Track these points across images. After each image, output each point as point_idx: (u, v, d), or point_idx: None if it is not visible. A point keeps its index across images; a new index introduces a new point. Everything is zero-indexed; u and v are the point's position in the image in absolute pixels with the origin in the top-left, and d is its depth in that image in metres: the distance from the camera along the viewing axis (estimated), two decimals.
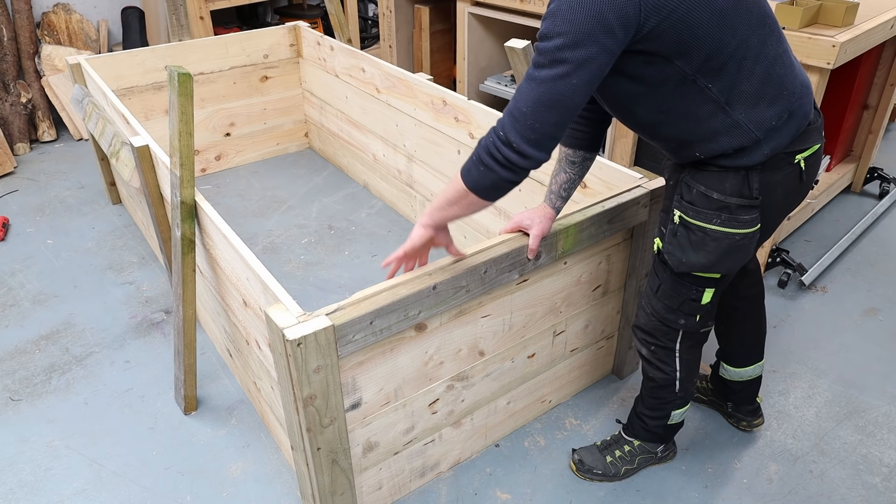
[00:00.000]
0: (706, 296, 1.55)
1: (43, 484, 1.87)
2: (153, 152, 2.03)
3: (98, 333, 2.41)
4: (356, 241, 2.91)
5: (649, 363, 1.69)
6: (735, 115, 1.33)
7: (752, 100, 1.33)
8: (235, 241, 1.64)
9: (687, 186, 1.44)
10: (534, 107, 1.23)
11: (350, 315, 1.38)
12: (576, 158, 1.63)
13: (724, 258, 1.45)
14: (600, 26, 1.17)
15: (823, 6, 2.33)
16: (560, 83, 1.21)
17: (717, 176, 1.40)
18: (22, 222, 3.09)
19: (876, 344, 2.33)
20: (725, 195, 1.40)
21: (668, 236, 1.50)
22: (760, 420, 1.97)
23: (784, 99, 1.36)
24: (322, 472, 1.52)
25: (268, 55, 3.38)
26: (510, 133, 1.25)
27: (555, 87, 1.21)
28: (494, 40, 3.64)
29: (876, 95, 3.04)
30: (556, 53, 1.19)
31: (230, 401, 2.13)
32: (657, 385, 1.71)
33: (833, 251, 2.73)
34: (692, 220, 1.44)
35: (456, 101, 2.44)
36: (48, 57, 3.78)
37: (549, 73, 1.21)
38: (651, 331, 1.64)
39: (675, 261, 1.49)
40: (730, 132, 1.35)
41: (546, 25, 1.21)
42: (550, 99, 1.22)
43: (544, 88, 1.21)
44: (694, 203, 1.43)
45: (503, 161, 1.28)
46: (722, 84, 1.30)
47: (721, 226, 1.42)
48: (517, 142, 1.25)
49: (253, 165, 3.56)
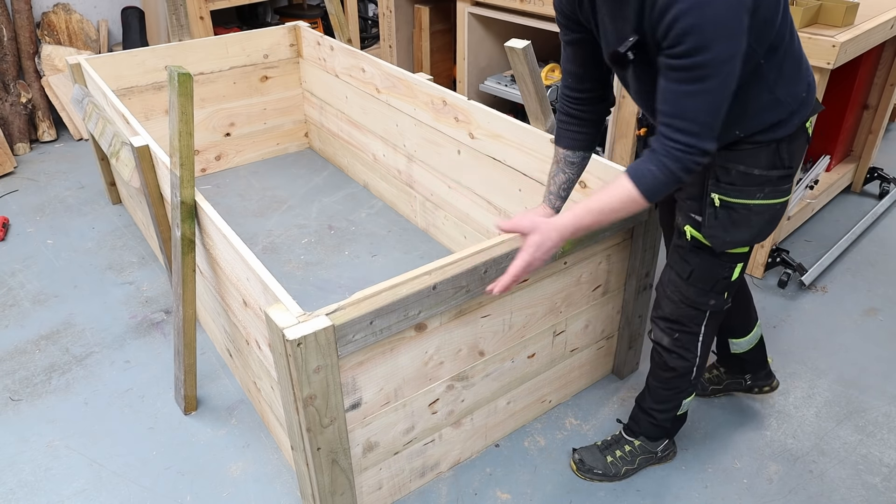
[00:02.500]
0: (737, 271, 1.58)
1: (43, 484, 1.87)
2: (153, 152, 2.03)
3: (98, 333, 2.41)
4: (356, 241, 2.91)
5: (670, 352, 1.69)
6: (777, 92, 1.38)
7: (790, 76, 1.38)
8: (235, 241, 1.64)
9: (723, 169, 1.46)
10: (713, 114, 1.27)
11: (350, 315, 1.39)
12: (575, 159, 1.64)
13: (766, 228, 1.50)
14: (744, 12, 1.20)
15: (823, 6, 2.33)
16: (729, 79, 1.25)
17: (752, 153, 1.43)
18: (22, 222, 3.10)
19: (876, 344, 2.33)
20: (765, 169, 1.44)
21: (709, 220, 1.50)
22: (776, 381, 2.04)
23: (805, 71, 1.43)
24: (322, 472, 1.52)
25: (268, 55, 3.38)
26: (702, 144, 1.29)
27: (726, 87, 1.25)
28: (494, 40, 3.64)
29: (876, 95, 3.04)
30: (719, 58, 1.21)
31: (230, 401, 2.13)
32: (676, 375, 1.71)
33: (833, 251, 2.73)
34: (735, 199, 1.46)
35: (456, 101, 2.44)
36: (48, 57, 3.78)
37: (717, 81, 1.24)
38: (679, 318, 1.65)
39: (719, 241, 1.51)
40: (772, 108, 1.40)
41: (693, 41, 1.20)
42: (724, 98, 1.27)
43: (715, 95, 1.25)
44: (734, 183, 1.45)
45: (699, 167, 1.32)
46: (773, 61, 1.35)
47: (765, 199, 1.46)
48: (710, 146, 1.30)
49: (253, 165, 3.56)
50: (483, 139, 2.39)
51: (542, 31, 3.13)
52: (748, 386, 2.04)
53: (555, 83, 3.35)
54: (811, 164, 3.05)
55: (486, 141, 2.38)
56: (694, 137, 1.28)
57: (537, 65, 2.00)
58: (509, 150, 2.28)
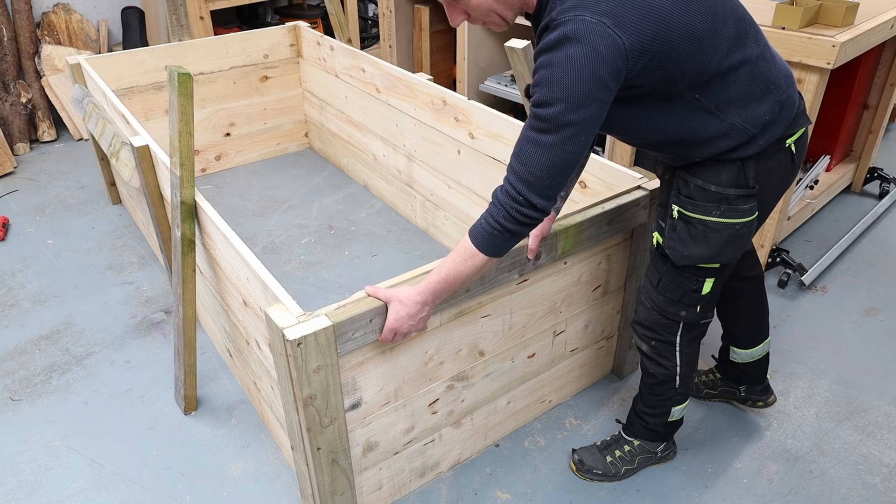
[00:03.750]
0: (707, 286, 1.56)
1: (43, 484, 1.87)
2: (153, 152, 2.03)
3: (98, 333, 2.41)
4: (356, 241, 2.91)
5: (649, 359, 1.70)
6: (729, 119, 1.36)
7: (741, 101, 1.35)
8: (235, 241, 1.64)
9: (683, 181, 1.46)
10: (548, 170, 1.26)
11: (350, 313, 1.39)
12: None
13: (726, 248, 1.47)
14: (596, 85, 1.20)
15: (823, 6, 2.33)
16: (569, 145, 1.24)
17: (714, 168, 1.42)
18: (22, 222, 3.10)
19: (876, 344, 2.33)
20: (723, 187, 1.42)
21: (668, 231, 1.50)
22: (773, 397, 2.01)
23: (772, 93, 1.39)
24: (322, 472, 1.52)
25: (268, 55, 3.38)
26: (530, 196, 1.28)
27: (566, 150, 1.25)
28: (494, 40, 3.64)
29: (876, 95, 3.04)
30: (560, 118, 1.22)
31: (230, 401, 2.13)
32: (657, 381, 1.71)
33: (833, 251, 2.73)
34: (691, 214, 1.45)
35: (456, 101, 2.44)
36: (48, 57, 3.78)
37: (557, 138, 1.24)
38: (652, 325, 1.65)
39: (677, 255, 1.50)
40: (727, 135, 1.38)
41: (541, 93, 1.23)
42: (564, 161, 1.26)
43: (556, 153, 1.25)
44: (692, 197, 1.45)
45: (526, 220, 1.32)
46: (709, 94, 1.33)
47: (721, 217, 1.43)
48: (538, 202, 1.29)
49: (253, 165, 3.56)
50: (483, 139, 2.39)
51: None
52: (742, 397, 2.01)
53: None
54: (811, 164, 3.05)
55: (486, 141, 2.38)
56: (525, 186, 1.27)
57: None
58: (509, 150, 2.27)
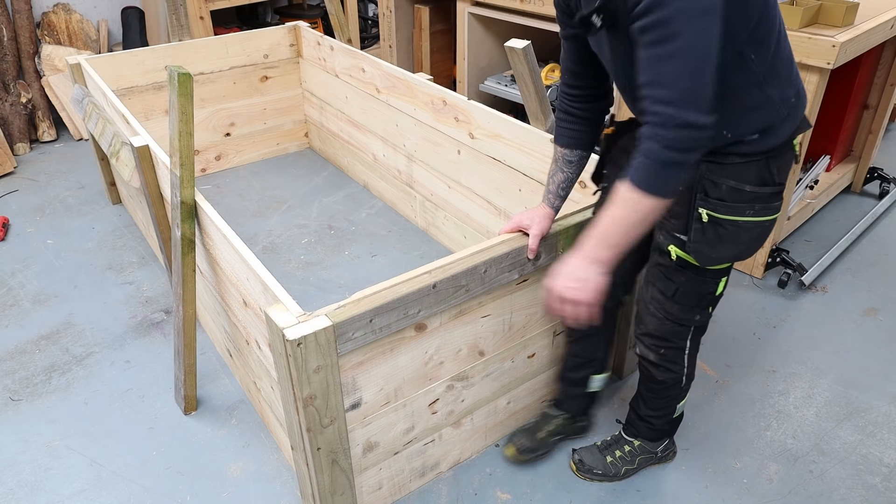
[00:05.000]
0: (721, 285, 1.56)
1: (43, 484, 1.87)
2: (153, 152, 2.03)
3: (98, 333, 2.41)
4: (356, 241, 2.91)
5: (657, 367, 1.68)
6: (767, 90, 1.34)
7: (779, 73, 1.34)
8: (235, 241, 1.64)
9: (712, 184, 1.42)
10: (690, 76, 1.16)
11: (350, 313, 1.39)
12: (573, 158, 1.63)
13: (752, 245, 1.47)
14: None
15: (823, 6, 2.33)
16: (700, 40, 1.14)
17: (741, 168, 1.39)
18: (22, 222, 3.09)
19: (876, 344, 2.33)
20: (756, 185, 1.40)
21: (695, 235, 1.46)
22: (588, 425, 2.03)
23: (796, 76, 1.40)
24: (322, 472, 1.52)
25: (268, 55, 3.38)
26: (685, 115, 1.17)
27: (698, 47, 1.15)
28: (494, 40, 3.64)
29: (876, 95, 3.04)
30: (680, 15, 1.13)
31: (230, 401, 2.13)
32: (665, 386, 1.71)
33: (833, 251, 2.73)
34: (724, 216, 1.42)
35: (456, 101, 2.44)
36: (48, 57, 3.78)
37: (684, 38, 1.14)
38: (664, 335, 1.63)
39: (704, 258, 1.47)
40: (763, 108, 1.35)
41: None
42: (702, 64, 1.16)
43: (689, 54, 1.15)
44: (724, 199, 1.41)
45: (691, 144, 1.21)
46: (761, 54, 1.30)
47: (755, 216, 1.42)
48: (695, 117, 1.18)
49: (253, 165, 3.56)
50: (483, 139, 2.39)
51: (542, 31, 3.13)
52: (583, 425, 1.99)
53: (554, 83, 3.35)
54: (811, 164, 3.05)
55: (486, 141, 2.38)
56: (673, 107, 1.16)
57: (537, 65, 2.00)
58: (509, 150, 2.28)
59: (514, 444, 1.90)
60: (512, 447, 1.90)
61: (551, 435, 1.91)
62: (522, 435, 1.91)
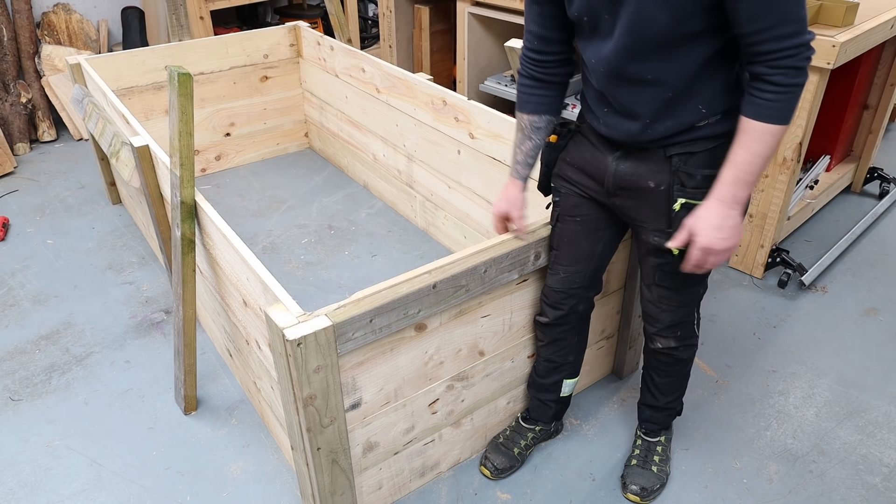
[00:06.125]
0: None
1: (43, 484, 1.87)
2: (153, 152, 2.03)
3: (98, 333, 2.41)
4: (356, 241, 2.91)
5: (677, 349, 1.70)
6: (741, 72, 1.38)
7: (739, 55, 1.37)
8: (235, 241, 1.64)
9: (688, 175, 1.44)
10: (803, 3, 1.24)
11: (350, 313, 1.39)
12: (541, 124, 1.61)
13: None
14: None
15: (823, 6, 2.33)
16: None
17: (710, 154, 1.42)
18: (22, 222, 3.10)
19: (876, 344, 2.33)
20: None
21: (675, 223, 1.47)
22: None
23: None
24: (322, 472, 1.52)
25: (268, 55, 3.38)
26: (808, 36, 1.25)
27: None
28: (494, 40, 3.64)
29: (876, 95, 3.04)
30: None
31: (230, 401, 2.13)
32: (686, 363, 1.75)
33: (833, 251, 2.73)
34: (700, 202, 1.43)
35: (456, 101, 2.44)
36: (48, 57, 3.78)
37: None
38: (680, 320, 1.66)
39: None
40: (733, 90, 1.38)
41: None
42: None
43: None
44: (700, 187, 1.44)
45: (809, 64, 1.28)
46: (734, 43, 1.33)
47: None
48: (812, 36, 1.26)
49: (253, 165, 3.56)
50: (483, 139, 2.39)
51: None
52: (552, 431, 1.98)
53: None
54: (811, 164, 3.05)
55: (486, 141, 2.38)
56: (799, 36, 1.24)
57: None
58: (509, 150, 2.28)
59: (489, 464, 1.86)
60: (487, 469, 1.86)
61: (527, 448, 1.90)
62: (496, 453, 1.87)
